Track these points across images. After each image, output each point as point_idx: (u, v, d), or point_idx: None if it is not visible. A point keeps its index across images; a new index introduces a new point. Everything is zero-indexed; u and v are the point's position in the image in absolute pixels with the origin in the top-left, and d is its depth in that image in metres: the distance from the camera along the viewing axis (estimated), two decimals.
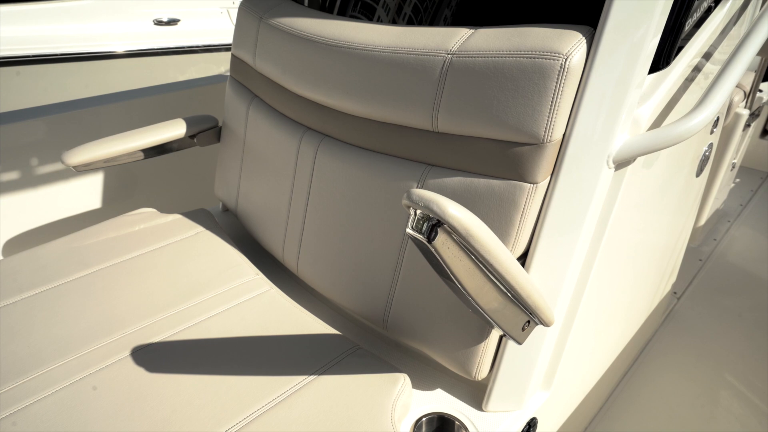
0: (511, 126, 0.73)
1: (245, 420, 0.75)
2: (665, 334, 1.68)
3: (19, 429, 0.72)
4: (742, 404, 1.42)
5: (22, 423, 0.73)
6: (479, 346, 0.81)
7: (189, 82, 1.71)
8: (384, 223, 0.92)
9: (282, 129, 1.12)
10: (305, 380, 0.82)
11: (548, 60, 0.69)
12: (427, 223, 0.56)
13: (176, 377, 0.82)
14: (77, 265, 1.08)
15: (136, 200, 1.65)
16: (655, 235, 1.14)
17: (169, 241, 1.18)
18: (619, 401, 1.42)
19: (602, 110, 0.71)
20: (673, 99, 0.85)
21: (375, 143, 0.93)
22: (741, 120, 1.84)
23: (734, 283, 1.94)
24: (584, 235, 0.78)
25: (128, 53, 2.35)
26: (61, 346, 0.87)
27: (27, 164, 1.40)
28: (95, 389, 0.79)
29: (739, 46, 0.81)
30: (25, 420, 0.74)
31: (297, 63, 1.04)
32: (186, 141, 1.35)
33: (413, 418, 0.86)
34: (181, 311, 0.97)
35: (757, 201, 2.54)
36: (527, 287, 0.66)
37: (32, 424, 0.73)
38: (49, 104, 1.45)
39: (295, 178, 1.09)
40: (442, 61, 0.79)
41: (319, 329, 0.94)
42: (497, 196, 0.76)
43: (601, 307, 0.98)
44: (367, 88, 0.90)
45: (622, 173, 0.78)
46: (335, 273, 1.01)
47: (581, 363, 1.04)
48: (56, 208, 1.49)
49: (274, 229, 1.16)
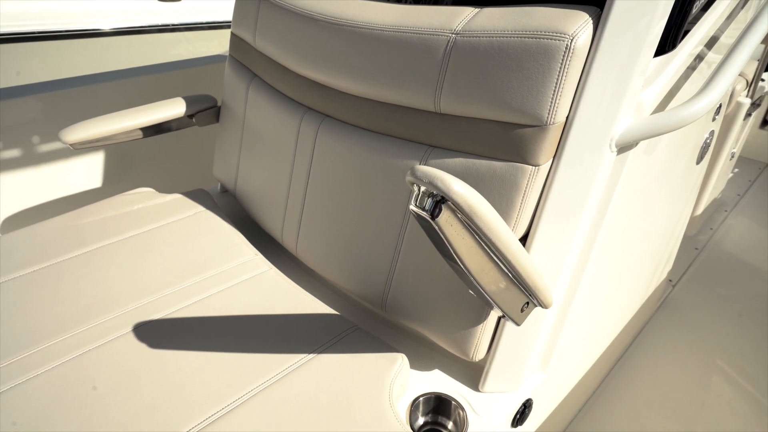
0: (515, 107, 0.73)
1: (245, 396, 0.75)
2: (660, 321, 1.69)
3: (21, 404, 0.73)
4: (733, 389, 1.44)
5: (22, 397, 0.74)
6: (477, 327, 0.82)
7: (188, 61, 1.69)
8: (384, 204, 0.91)
9: (282, 109, 1.11)
10: (304, 359, 0.83)
11: (554, 40, 0.68)
12: (431, 199, 0.56)
13: (176, 354, 0.82)
14: (75, 243, 1.08)
15: (134, 180, 1.64)
16: (653, 221, 1.14)
17: (167, 220, 1.18)
18: (612, 385, 1.44)
19: (606, 93, 0.70)
20: (677, 83, 0.84)
21: (377, 124, 0.92)
22: (742, 109, 1.83)
23: (729, 272, 1.95)
24: (585, 218, 0.78)
25: (133, 29, 2.31)
26: (60, 322, 0.87)
27: (24, 142, 1.39)
28: (96, 365, 0.79)
29: (745, 32, 0.81)
30: (25, 393, 0.74)
31: (298, 42, 1.03)
32: (185, 120, 1.34)
33: (410, 398, 0.86)
34: (180, 290, 0.97)
35: (754, 191, 2.55)
36: (528, 267, 0.66)
37: (33, 398, 0.74)
38: (46, 81, 1.43)
39: (295, 159, 1.08)
40: (446, 40, 0.79)
41: (317, 309, 0.94)
42: (499, 178, 0.76)
43: (598, 290, 0.98)
44: (369, 67, 0.89)
45: (625, 157, 0.78)
46: (334, 254, 1.01)
47: (577, 346, 1.05)
48: (54, 187, 1.48)
49: (273, 210, 1.16)
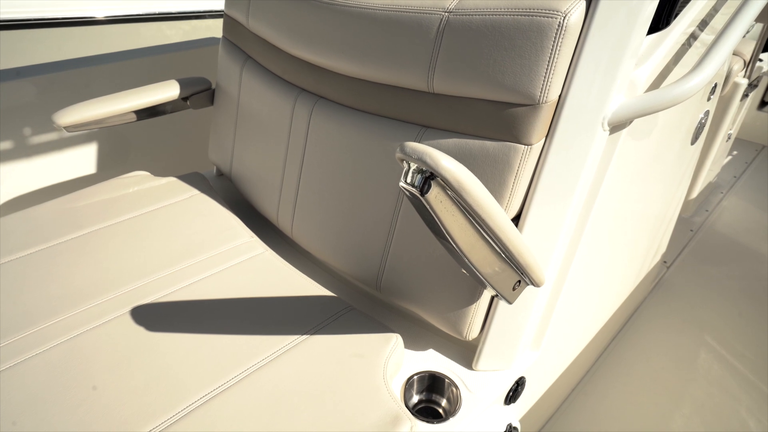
0: (507, 86, 0.72)
1: (239, 376, 0.76)
2: (653, 302, 1.71)
3: (17, 384, 0.74)
4: (722, 366, 1.46)
5: (19, 377, 0.75)
6: (471, 306, 0.83)
7: (182, 44, 1.67)
8: (378, 184, 0.92)
9: (276, 90, 1.10)
10: (299, 339, 0.84)
11: (546, 18, 0.68)
12: (421, 175, 0.57)
13: (171, 335, 0.83)
14: (71, 226, 1.08)
15: (129, 164, 1.64)
16: (647, 201, 1.14)
17: (163, 203, 1.18)
18: (606, 364, 1.46)
19: (599, 71, 0.70)
20: (671, 62, 0.84)
21: (370, 104, 0.92)
22: (739, 89, 1.83)
23: (724, 254, 1.97)
24: (577, 198, 0.78)
25: (132, 17, 2.27)
26: (57, 304, 0.88)
27: (19, 126, 1.38)
28: (91, 346, 0.80)
29: (739, 9, 0.80)
30: (22, 374, 0.75)
31: (291, 22, 1.02)
32: (179, 103, 1.33)
33: (405, 376, 0.88)
34: (176, 272, 0.97)
35: (750, 173, 2.55)
36: (518, 245, 0.67)
37: (29, 378, 0.74)
38: (38, 64, 1.42)
39: (290, 141, 1.08)
40: (439, 19, 0.78)
41: (313, 290, 0.95)
42: (491, 158, 0.76)
43: (591, 270, 0.99)
44: (362, 47, 0.89)
45: (617, 136, 0.78)
46: (329, 235, 1.01)
47: (570, 325, 1.06)
48: (49, 171, 1.48)
49: (268, 192, 1.16)
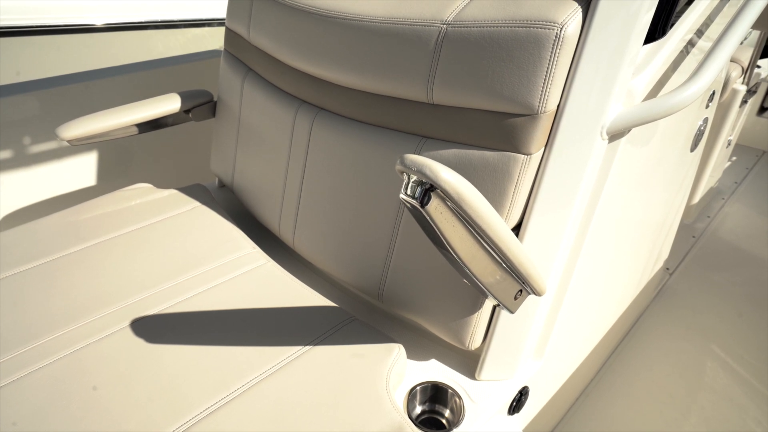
0: (506, 96, 0.73)
1: (242, 388, 0.76)
2: (656, 309, 1.70)
3: (20, 399, 0.74)
4: (728, 375, 1.45)
5: (21, 392, 0.75)
6: (473, 316, 0.83)
7: (183, 57, 1.69)
8: (378, 195, 0.92)
9: (277, 103, 1.11)
10: (301, 350, 0.84)
11: (543, 29, 0.68)
12: (420, 187, 0.57)
13: (175, 347, 0.83)
14: (73, 239, 1.08)
15: (131, 177, 1.64)
16: (648, 209, 1.14)
17: (165, 215, 1.19)
18: (609, 373, 1.45)
19: (597, 81, 0.71)
20: (668, 70, 0.84)
21: (370, 116, 0.93)
22: (738, 96, 1.83)
23: (726, 260, 1.96)
24: (577, 207, 0.78)
25: (131, 25, 2.29)
26: (59, 317, 0.88)
27: (21, 140, 1.39)
28: (94, 359, 0.80)
29: (736, 17, 0.81)
30: (24, 388, 0.75)
31: (292, 35, 1.03)
32: (181, 116, 1.34)
33: (407, 387, 0.87)
34: (178, 284, 0.97)
35: (752, 178, 2.55)
36: (519, 255, 0.67)
37: (31, 393, 0.74)
38: (41, 79, 1.43)
39: (291, 152, 1.09)
40: (438, 31, 0.79)
41: (315, 301, 0.95)
42: (491, 168, 0.77)
43: (593, 279, 0.99)
44: (361, 59, 0.89)
45: (616, 145, 0.78)
46: (331, 246, 1.02)
47: (573, 334, 1.06)
48: (51, 184, 1.49)
49: (270, 203, 1.16)
